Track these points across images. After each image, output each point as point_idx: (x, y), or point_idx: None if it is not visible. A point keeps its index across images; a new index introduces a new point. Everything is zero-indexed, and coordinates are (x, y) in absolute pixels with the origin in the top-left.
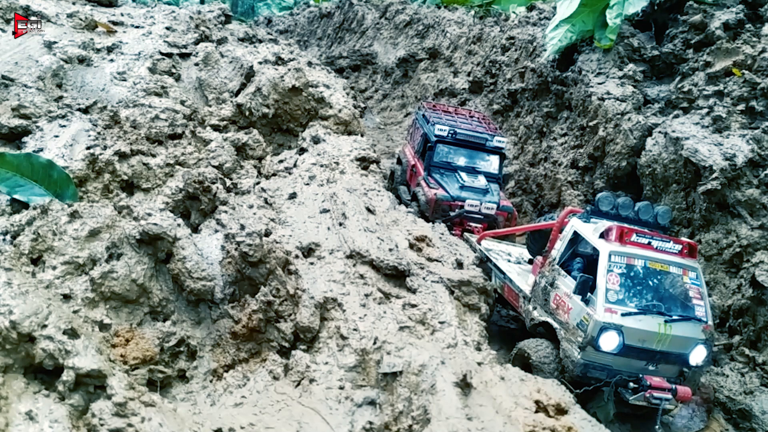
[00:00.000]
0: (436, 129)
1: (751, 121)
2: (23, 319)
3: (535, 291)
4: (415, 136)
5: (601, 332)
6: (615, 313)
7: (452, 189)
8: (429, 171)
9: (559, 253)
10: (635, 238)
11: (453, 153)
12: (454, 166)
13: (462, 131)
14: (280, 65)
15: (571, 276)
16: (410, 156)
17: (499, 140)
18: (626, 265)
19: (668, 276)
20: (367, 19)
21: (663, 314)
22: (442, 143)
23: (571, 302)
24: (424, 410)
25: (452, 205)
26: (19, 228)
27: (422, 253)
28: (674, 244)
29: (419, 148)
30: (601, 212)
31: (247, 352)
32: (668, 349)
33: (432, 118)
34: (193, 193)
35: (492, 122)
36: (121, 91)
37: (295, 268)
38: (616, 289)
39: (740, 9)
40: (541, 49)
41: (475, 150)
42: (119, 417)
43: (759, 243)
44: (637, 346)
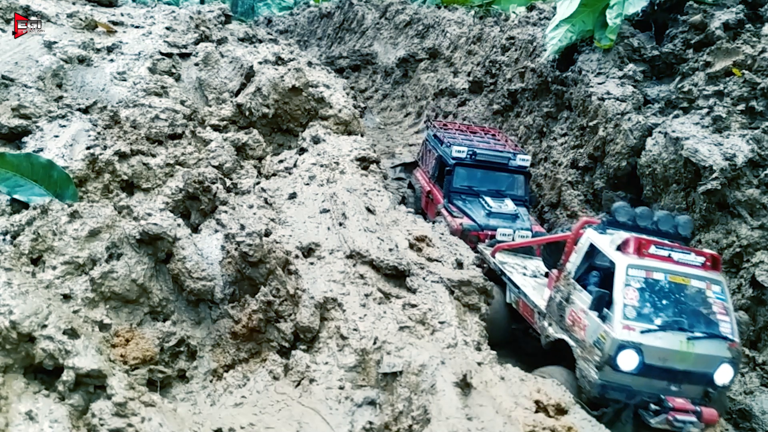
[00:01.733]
0: (454, 151)
1: (751, 121)
2: (23, 319)
3: (551, 306)
4: (428, 159)
5: (619, 351)
6: (633, 330)
7: (479, 217)
8: (449, 198)
9: (574, 267)
10: (654, 251)
11: (474, 176)
12: (476, 191)
13: (482, 151)
14: (280, 65)
15: (587, 290)
16: (424, 181)
17: (523, 159)
18: (645, 279)
19: (690, 290)
20: (367, 19)
21: (685, 331)
22: (462, 166)
23: (587, 318)
24: (424, 410)
25: (481, 236)
26: (19, 228)
27: (422, 253)
28: (696, 256)
29: (435, 173)
30: (618, 223)
31: (247, 352)
32: (691, 368)
33: (446, 139)
34: (193, 193)
35: (510, 138)
36: (121, 91)
37: (295, 268)
38: (634, 304)
39: (740, 9)
40: (541, 49)
41: (498, 171)
42: (119, 417)
43: (759, 243)
44: (657, 366)
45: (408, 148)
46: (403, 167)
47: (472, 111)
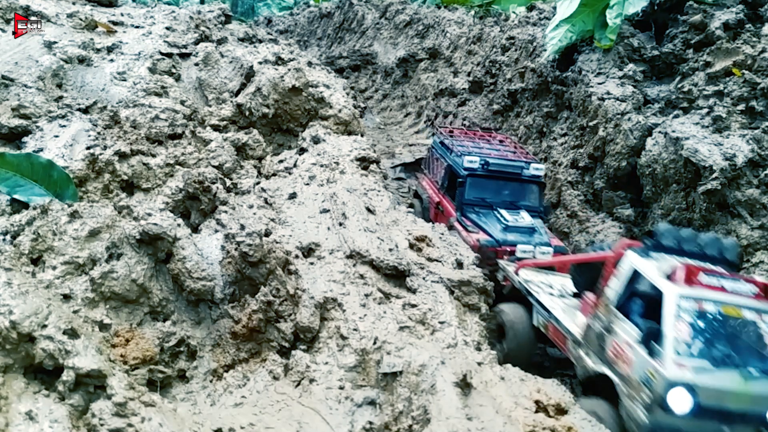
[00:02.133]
0: (466, 161)
1: (751, 121)
2: (23, 319)
3: (588, 336)
4: (436, 168)
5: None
6: (686, 367)
7: (495, 231)
8: (462, 210)
9: (615, 294)
10: (705, 279)
11: (487, 187)
12: (489, 202)
13: (494, 161)
14: (280, 65)
15: (630, 320)
16: (432, 191)
17: (537, 168)
18: (696, 311)
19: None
20: (367, 19)
21: (740, 368)
22: (474, 177)
23: (633, 353)
24: (424, 410)
25: (499, 252)
26: (19, 228)
27: (422, 253)
28: (748, 286)
29: (444, 183)
30: (662, 246)
31: (247, 352)
32: (747, 408)
33: (456, 147)
34: (193, 193)
35: (520, 145)
36: (121, 91)
37: (295, 268)
38: (685, 339)
39: (740, 9)
40: (541, 49)
41: (511, 181)
42: (119, 417)
43: (759, 243)
44: (712, 407)
45: (408, 148)
46: (403, 167)
47: (472, 111)
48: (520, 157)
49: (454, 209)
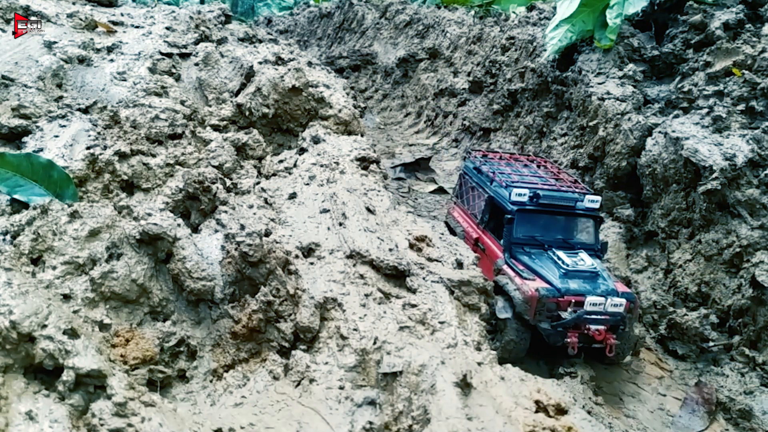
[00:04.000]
0: (514, 194)
1: (751, 121)
2: (23, 319)
3: None
4: (471, 197)
5: None
6: None
7: (554, 277)
8: (511, 251)
9: None
10: None
11: (537, 223)
12: (540, 241)
13: (545, 193)
14: (280, 65)
15: None
16: (467, 225)
17: (592, 200)
18: None
19: None
20: (367, 19)
21: None
22: (524, 212)
23: None
24: (424, 410)
25: (561, 303)
26: (19, 228)
27: (422, 253)
28: None
29: (484, 217)
30: None
31: (247, 352)
32: None
33: (498, 176)
34: (193, 193)
35: (564, 171)
36: (121, 91)
37: (295, 268)
38: None
39: (740, 9)
40: (541, 49)
41: (564, 216)
42: (119, 417)
43: (759, 243)
44: None
45: (408, 148)
46: (403, 167)
47: (472, 111)
48: (571, 187)
49: (499, 249)
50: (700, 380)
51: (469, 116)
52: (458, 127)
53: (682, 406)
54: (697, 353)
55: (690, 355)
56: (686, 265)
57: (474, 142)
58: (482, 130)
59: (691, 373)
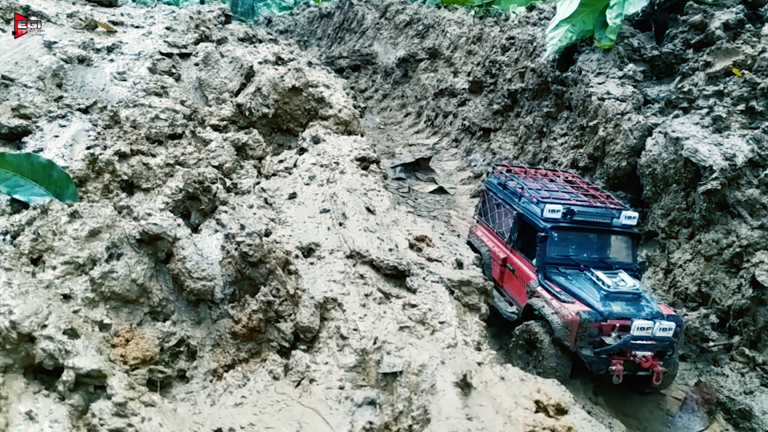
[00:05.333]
0: (547, 210)
1: (751, 121)
2: (23, 319)
3: None
4: (496, 215)
5: None
6: None
7: (594, 300)
8: (545, 272)
9: None
10: None
11: (571, 241)
12: (575, 261)
13: (580, 209)
14: (280, 65)
15: None
16: (494, 244)
17: (629, 216)
18: None
19: None
20: (367, 19)
21: None
22: (558, 230)
23: None
24: (424, 410)
25: (604, 327)
26: (19, 228)
27: (422, 253)
28: None
29: (513, 236)
30: None
31: (247, 352)
32: None
33: (529, 193)
34: (193, 193)
35: (593, 185)
36: (121, 91)
37: (295, 268)
38: None
39: (740, 9)
40: (541, 49)
41: (600, 233)
42: (119, 417)
43: (759, 243)
44: None
45: (408, 148)
46: (403, 167)
47: (472, 111)
48: (605, 202)
49: (531, 269)
50: (700, 380)
51: (469, 116)
52: (458, 127)
53: (682, 406)
54: (697, 353)
55: (690, 355)
56: (686, 265)
57: (474, 142)
58: (482, 130)
59: (691, 373)
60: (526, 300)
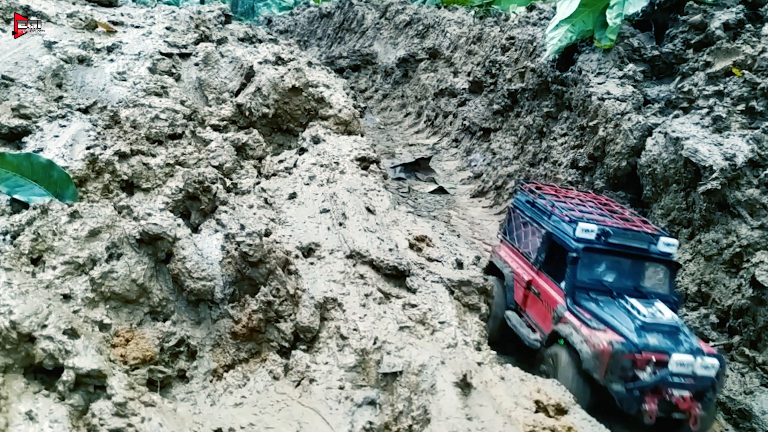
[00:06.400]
0: (580, 230)
1: (751, 121)
2: (23, 319)
3: None
4: (522, 234)
5: None
6: None
7: (629, 330)
8: (574, 297)
9: None
10: None
11: (605, 266)
12: (608, 287)
13: (616, 230)
14: (280, 65)
15: None
16: (518, 265)
17: (668, 243)
18: None
19: None
20: (367, 19)
21: None
22: (591, 252)
23: None
24: (424, 410)
25: (639, 361)
26: (19, 228)
27: (422, 253)
28: None
29: (540, 256)
30: None
31: (247, 352)
32: None
33: (558, 210)
34: (193, 193)
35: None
36: (121, 91)
37: (295, 268)
38: None
39: (740, 9)
40: (541, 49)
41: (636, 259)
42: (119, 417)
43: (759, 243)
44: None
45: (408, 148)
46: (403, 167)
47: (472, 111)
48: (642, 227)
49: (558, 293)
50: None
51: (469, 116)
52: (458, 127)
53: None
54: None
55: None
56: (686, 265)
57: (474, 142)
58: (482, 130)
59: None
60: (552, 326)
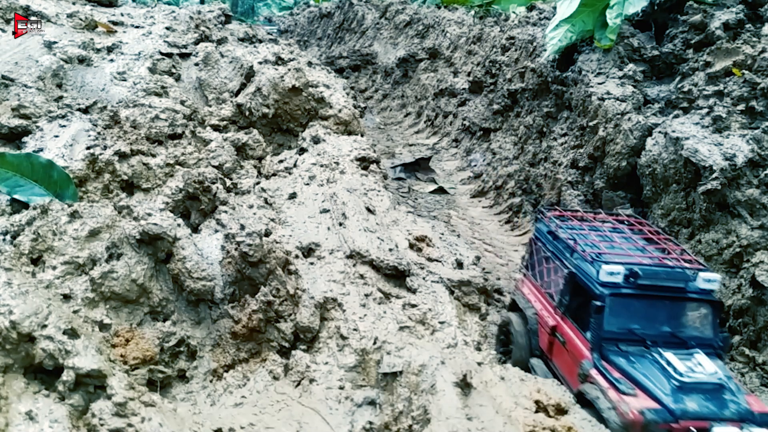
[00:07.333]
0: (605, 272)
1: (751, 121)
2: (23, 319)
3: None
4: (545, 271)
5: None
6: None
7: (664, 392)
8: (601, 350)
9: None
10: None
11: (635, 311)
12: (640, 335)
13: (645, 270)
14: (280, 65)
15: None
16: (541, 306)
17: (708, 279)
18: None
19: None
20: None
21: None
22: (619, 296)
23: None
24: (424, 410)
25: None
26: (19, 228)
27: (422, 253)
28: None
29: (564, 299)
30: None
31: (247, 352)
32: None
33: (580, 245)
34: (193, 193)
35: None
36: (121, 91)
37: (295, 268)
38: None
39: (740, 9)
40: (541, 49)
41: (671, 300)
42: (119, 417)
43: (759, 243)
44: None
45: (408, 148)
46: (403, 167)
47: (472, 111)
48: (678, 260)
49: (584, 344)
50: None
51: (469, 116)
52: (458, 127)
53: None
54: None
55: None
56: None
57: (474, 142)
58: (482, 130)
59: None
60: (579, 384)
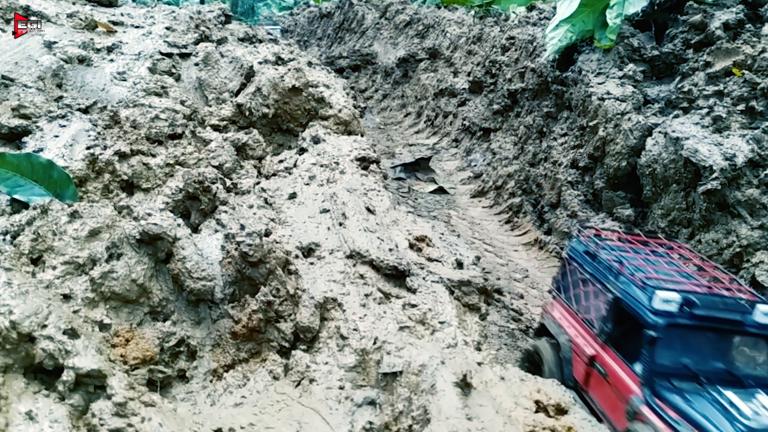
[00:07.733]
0: (659, 299)
1: (751, 121)
2: (23, 319)
3: None
4: (582, 295)
5: None
6: None
7: None
8: (653, 387)
9: None
10: None
11: (690, 345)
12: (694, 371)
13: (704, 298)
14: (280, 65)
15: None
16: (576, 333)
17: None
18: None
19: None
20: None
21: None
22: (675, 328)
23: None
24: (424, 410)
25: None
26: (19, 228)
27: (422, 253)
28: None
29: (606, 326)
30: None
31: (247, 352)
32: None
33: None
34: (193, 193)
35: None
36: (121, 91)
37: (295, 268)
38: None
39: (740, 9)
40: (541, 49)
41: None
42: (119, 417)
43: (759, 243)
44: None
45: (408, 148)
46: (403, 167)
47: (472, 111)
48: (732, 289)
49: (632, 378)
50: None
51: (469, 116)
52: (458, 127)
53: None
54: None
55: None
56: None
57: (474, 142)
58: (482, 130)
59: None
60: (626, 423)
